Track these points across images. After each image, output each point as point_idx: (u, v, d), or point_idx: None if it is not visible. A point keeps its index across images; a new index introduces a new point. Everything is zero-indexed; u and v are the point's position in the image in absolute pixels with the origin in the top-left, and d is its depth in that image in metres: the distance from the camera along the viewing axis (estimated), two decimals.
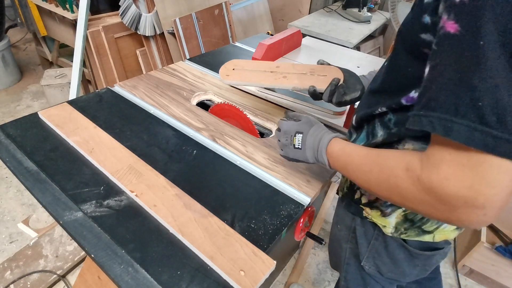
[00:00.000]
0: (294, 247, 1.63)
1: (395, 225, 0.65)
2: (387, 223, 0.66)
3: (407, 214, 0.63)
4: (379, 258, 0.72)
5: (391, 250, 0.69)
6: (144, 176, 0.76)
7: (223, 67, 1.01)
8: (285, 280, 1.53)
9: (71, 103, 0.99)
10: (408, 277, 0.75)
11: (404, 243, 0.67)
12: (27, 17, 2.52)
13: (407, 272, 0.72)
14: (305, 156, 0.69)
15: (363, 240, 0.73)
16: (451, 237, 0.66)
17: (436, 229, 0.64)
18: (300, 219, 0.77)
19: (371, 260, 0.74)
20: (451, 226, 0.64)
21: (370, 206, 0.68)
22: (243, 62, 1.01)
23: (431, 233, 0.64)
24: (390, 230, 0.66)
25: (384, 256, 0.71)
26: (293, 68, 0.95)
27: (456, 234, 0.67)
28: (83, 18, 2.01)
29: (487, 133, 0.37)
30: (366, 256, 0.74)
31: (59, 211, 0.68)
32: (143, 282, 0.57)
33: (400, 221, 0.65)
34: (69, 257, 1.48)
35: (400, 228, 0.65)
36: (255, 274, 0.59)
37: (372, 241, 0.71)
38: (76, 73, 2.13)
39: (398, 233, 0.66)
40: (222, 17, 2.48)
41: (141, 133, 0.92)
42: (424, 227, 0.64)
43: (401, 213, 0.64)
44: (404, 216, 0.64)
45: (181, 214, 0.68)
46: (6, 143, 0.83)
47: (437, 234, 0.65)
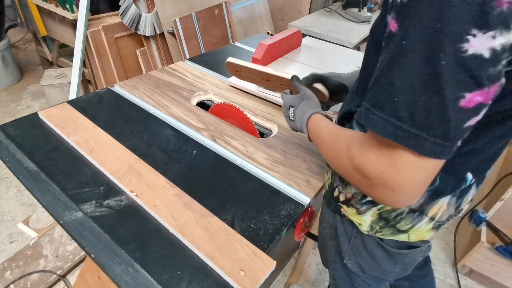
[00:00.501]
0: (294, 247, 1.63)
1: (370, 223, 0.66)
2: (362, 221, 0.67)
3: (381, 212, 0.64)
4: (360, 256, 0.73)
5: (370, 248, 0.70)
6: (144, 176, 0.76)
7: (230, 64, 1.01)
8: (285, 280, 1.53)
9: (71, 103, 0.99)
10: (390, 275, 0.75)
11: (381, 241, 0.67)
12: (27, 17, 2.52)
13: (388, 270, 0.73)
14: (297, 127, 0.76)
15: (344, 238, 0.73)
16: (427, 237, 0.66)
17: (410, 228, 0.64)
18: (300, 219, 0.77)
19: (353, 258, 0.74)
20: (426, 226, 0.64)
21: (346, 204, 0.69)
22: (241, 64, 1.01)
23: (405, 233, 0.64)
24: (366, 228, 0.67)
25: (364, 254, 0.72)
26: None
27: (432, 234, 0.66)
28: (83, 18, 2.01)
29: (399, 127, 0.41)
30: (348, 254, 0.75)
31: (59, 211, 0.68)
32: (143, 282, 0.57)
33: (375, 219, 0.65)
34: (69, 257, 1.48)
35: (375, 227, 0.66)
36: (255, 274, 0.59)
37: (352, 239, 0.72)
38: (76, 73, 2.13)
39: (373, 231, 0.66)
40: (222, 17, 2.48)
41: (141, 133, 0.92)
42: (398, 226, 0.64)
43: (376, 212, 0.64)
44: (378, 214, 0.64)
45: (181, 214, 0.68)
46: (6, 143, 0.83)
47: (412, 234, 0.65)
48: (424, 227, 0.64)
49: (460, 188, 0.59)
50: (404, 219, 0.63)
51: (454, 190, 0.59)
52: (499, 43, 0.36)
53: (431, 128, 0.40)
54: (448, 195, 0.60)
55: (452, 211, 0.63)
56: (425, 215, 0.62)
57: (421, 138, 0.40)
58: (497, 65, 0.37)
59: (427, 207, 0.61)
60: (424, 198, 0.59)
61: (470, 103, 0.39)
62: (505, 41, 0.36)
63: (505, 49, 0.37)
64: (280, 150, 0.92)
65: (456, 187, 0.59)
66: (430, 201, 0.60)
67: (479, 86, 0.38)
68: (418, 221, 0.63)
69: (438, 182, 0.57)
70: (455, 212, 0.64)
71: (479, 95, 0.38)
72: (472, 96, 0.38)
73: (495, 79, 0.38)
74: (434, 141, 0.40)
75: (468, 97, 0.38)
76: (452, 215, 0.65)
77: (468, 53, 0.36)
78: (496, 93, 0.39)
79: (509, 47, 0.37)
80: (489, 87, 0.38)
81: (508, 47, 0.37)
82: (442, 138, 0.40)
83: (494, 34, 0.36)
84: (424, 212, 0.61)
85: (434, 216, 0.62)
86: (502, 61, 0.37)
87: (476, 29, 0.35)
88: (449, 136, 0.40)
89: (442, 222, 0.65)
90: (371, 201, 0.64)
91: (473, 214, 1.52)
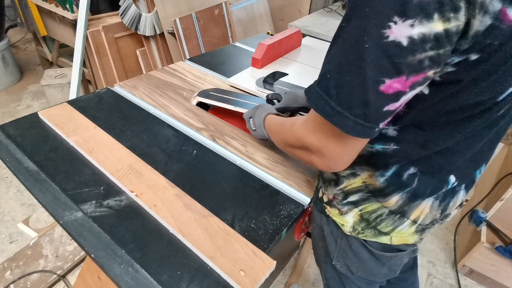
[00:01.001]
0: (294, 247, 1.63)
1: (353, 224, 0.65)
2: (345, 222, 0.66)
3: (363, 214, 0.63)
4: (347, 257, 0.72)
5: (355, 249, 0.69)
6: (144, 176, 0.76)
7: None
8: (285, 280, 1.53)
9: (71, 103, 0.99)
10: (378, 276, 0.74)
11: (365, 243, 0.67)
12: (27, 17, 2.52)
13: (375, 271, 0.72)
14: (259, 134, 0.83)
15: (331, 239, 0.73)
16: (410, 241, 0.65)
17: (392, 230, 0.63)
18: (300, 219, 0.77)
19: (341, 260, 0.74)
20: (408, 229, 0.63)
21: (330, 205, 0.69)
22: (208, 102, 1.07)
23: (387, 235, 0.63)
24: (349, 229, 0.66)
25: (351, 255, 0.71)
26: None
27: (416, 238, 0.65)
28: (83, 18, 2.01)
29: (328, 103, 0.44)
30: (336, 255, 0.74)
31: (59, 211, 0.68)
32: (143, 282, 0.57)
33: (357, 220, 0.65)
34: (69, 257, 1.48)
35: (357, 228, 0.65)
36: (255, 274, 0.59)
37: (339, 240, 0.71)
38: (76, 73, 2.13)
39: (355, 232, 0.66)
40: (222, 17, 2.48)
41: (141, 133, 0.92)
42: (379, 228, 0.63)
43: (357, 213, 0.64)
44: (360, 215, 0.64)
45: (181, 214, 0.68)
46: (6, 143, 0.83)
47: (394, 236, 0.63)
48: (406, 230, 0.63)
49: (442, 191, 0.59)
50: (385, 220, 0.62)
51: (434, 192, 0.58)
52: (418, 32, 0.36)
53: (353, 108, 0.42)
54: (430, 198, 0.59)
55: (436, 215, 0.62)
56: (407, 217, 0.61)
57: (344, 117, 0.43)
58: (416, 55, 0.38)
59: (407, 209, 0.60)
60: (402, 199, 0.58)
61: (390, 89, 0.40)
62: (426, 31, 0.36)
63: (426, 39, 0.37)
64: (280, 150, 0.92)
65: (437, 189, 0.58)
66: (410, 203, 0.59)
67: (398, 73, 0.39)
68: (400, 224, 0.62)
69: (416, 184, 0.57)
70: (440, 216, 0.63)
71: (397, 82, 0.39)
72: (392, 82, 0.39)
73: (417, 69, 0.39)
74: (356, 121, 0.43)
75: (388, 83, 0.40)
76: (438, 219, 0.64)
77: (389, 40, 0.37)
78: (417, 83, 0.40)
79: (434, 37, 0.37)
80: (408, 76, 0.39)
81: (432, 37, 0.37)
82: (363, 119, 0.42)
83: (412, 23, 0.36)
84: (405, 214, 0.60)
85: (416, 219, 0.61)
86: (425, 52, 0.37)
87: (397, 16, 0.36)
88: (369, 117, 0.42)
89: (425, 226, 0.63)
90: (353, 202, 0.64)
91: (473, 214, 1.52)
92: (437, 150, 0.53)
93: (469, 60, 0.40)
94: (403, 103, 0.43)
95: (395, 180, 0.57)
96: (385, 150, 0.55)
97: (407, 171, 0.56)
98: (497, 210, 1.44)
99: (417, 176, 0.56)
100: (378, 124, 0.44)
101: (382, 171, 0.58)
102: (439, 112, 0.48)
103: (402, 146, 0.54)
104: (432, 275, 1.60)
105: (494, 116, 0.50)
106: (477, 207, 1.56)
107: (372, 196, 0.61)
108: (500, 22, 0.36)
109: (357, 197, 0.63)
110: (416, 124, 0.51)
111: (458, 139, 0.52)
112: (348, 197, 0.64)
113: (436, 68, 0.39)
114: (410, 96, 0.42)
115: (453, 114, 0.48)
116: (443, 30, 0.36)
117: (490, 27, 0.37)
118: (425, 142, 0.52)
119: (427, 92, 0.46)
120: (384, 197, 0.59)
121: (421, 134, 0.51)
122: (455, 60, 0.40)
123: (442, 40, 0.37)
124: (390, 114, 0.43)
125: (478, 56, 0.39)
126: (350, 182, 0.63)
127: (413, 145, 0.53)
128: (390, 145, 0.54)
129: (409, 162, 0.55)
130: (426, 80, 0.41)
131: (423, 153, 0.53)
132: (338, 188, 0.65)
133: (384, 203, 0.60)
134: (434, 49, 0.37)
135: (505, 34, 0.37)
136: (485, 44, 0.38)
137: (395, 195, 0.58)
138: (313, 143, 0.52)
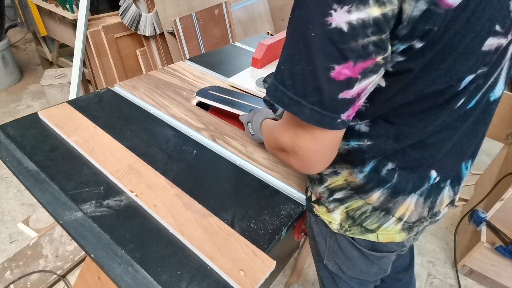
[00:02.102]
0: (294, 247, 1.63)
1: (340, 221, 0.66)
2: (332, 219, 0.66)
3: (348, 211, 0.64)
4: (337, 256, 0.73)
5: (344, 248, 0.70)
6: (144, 176, 0.76)
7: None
8: (285, 280, 1.53)
9: (71, 103, 0.99)
10: (368, 275, 0.75)
11: (353, 241, 0.67)
12: (27, 17, 2.52)
13: (365, 270, 0.73)
14: (258, 138, 0.85)
15: (320, 238, 0.73)
16: (397, 240, 0.64)
17: (378, 228, 0.63)
18: (300, 219, 0.77)
19: (332, 259, 0.74)
20: (394, 227, 0.63)
21: (317, 203, 0.69)
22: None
23: (373, 232, 0.64)
24: (336, 226, 0.66)
25: (340, 254, 0.71)
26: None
27: (404, 237, 0.65)
28: (83, 18, 2.01)
29: (285, 94, 0.44)
30: (326, 254, 0.74)
31: (59, 211, 0.68)
32: (143, 282, 0.57)
33: (343, 217, 0.65)
34: (69, 257, 1.48)
35: (344, 225, 0.65)
36: (255, 274, 0.59)
37: (328, 239, 0.71)
38: (76, 73, 2.13)
39: (343, 230, 0.66)
40: (222, 17, 2.48)
41: (141, 133, 0.92)
42: (365, 225, 0.63)
43: (344, 210, 0.64)
44: (346, 213, 0.64)
45: (181, 214, 0.68)
46: (6, 143, 0.83)
47: (381, 234, 0.63)
48: (392, 227, 0.63)
49: (424, 187, 0.59)
50: (370, 217, 0.62)
51: (417, 188, 0.59)
52: (357, 18, 0.37)
53: (308, 96, 0.43)
54: (414, 194, 0.59)
55: (423, 212, 0.62)
56: (392, 215, 0.61)
57: (301, 105, 0.43)
58: (359, 40, 0.39)
59: (391, 206, 0.60)
60: (384, 195, 0.59)
61: (340, 75, 0.41)
62: (365, 16, 0.37)
63: (366, 24, 0.38)
64: None
65: (419, 185, 0.58)
66: (392, 199, 0.59)
67: (345, 59, 0.40)
68: (385, 221, 0.62)
69: (396, 179, 0.57)
70: (428, 214, 0.63)
71: (346, 68, 0.40)
72: (340, 68, 0.40)
73: (362, 54, 0.39)
74: (312, 108, 0.43)
75: (337, 69, 0.40)
76: (426, 218, 0.64)
77: (332, 26, 0.39)
78: (368, 70, 0.41)
79: (373, 23, 0.38)
80: (356, 61, 0.40)
81: (372, 23, 0.38)
82: (319, 106, 0.43)
83: (349, 9, 0.37)
84: (390, 211, 0.61)
85: (402, 217, 0.61)
86: (368, 37, 0.39)
87: (335, 3, 0.38)
88: (326, 105, 0.43)
89: (412, 224, 0.63)
90: (338, 199, 0.64)
91: (473, 214, 1.52)
92: (410, 143, 0.54)
93: (415, 48, 0.41)
94: (360, 92, 0.43)
95: (374, 176, 0.58)
96: (360, 146, 0.56)
97: (385, 166, 0.57)
98: (497, 210, 1.44)
99: (396, 171, 0.57)
100: (339, 114, 0.44)
101: (360, 167, 0.58)
102: (400, 103, 0.49)
103: (376, 141, 0.55)
104: (432, 275, 1.60)
105: (463, 106, 0.51)
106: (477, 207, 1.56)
107: (355, 193, 0.62)
108: (436, 6, 0.38)
109: (342, 195, 0.63)
110: (385, 118, 0.52)
111: (429, 132, 0.53)
112: (334, 194, 0.64)
113: (383, 54, 0.40)
114: (365, 84, 0.43)
115: (414, 105, 0.49)
116: (381, 15, 0.37)
117: (426, 12, 0.38)
118: (397, 135, 0.53)
119: (384, 85, 0.47)
120: (365, 194, 0.60)
121: (391, 128, 0.53)
122: (400, 48, 0.41)
123: (381, 25, 0.38)
124: (348, 104, 0.43)
125: (423, 44, 0.41)
126: (333, 180, 0.64)
127: (385, 139, 0.54)
128: (364, 141, 0.56)
129: (385, 157, 0.56)
130: (378, 67, 0.42)
131: (397, 147, 0.54)
132: (323, 186, 0.66)
133: (366, 199, 0.61)
134: (376, 34, 0.39)
135: (444, 19, 0.39)
136: (425, 30, 0.39)
137: (376, 191, 0.59)
138: (286, 142, 0.51)
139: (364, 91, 0.44)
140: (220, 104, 1.05)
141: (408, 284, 1.04)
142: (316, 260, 0.83)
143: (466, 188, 2.07)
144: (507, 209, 1.46)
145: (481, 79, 0.49)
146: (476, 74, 0.47)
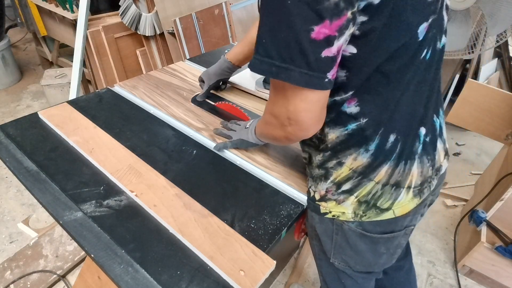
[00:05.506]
0: (294, 247, 1.63)
1: (353, 210, 0.66)
2: (345, 209, 0.67)
3: (359, 198, 0.65)
4: (344, 252, 0.73)
5: (352, 242, 0.70)
6: (144, 176, 0.76)
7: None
8: (285, 280, 1.53)
9: (71, 103, 0.99)
10: (377, 266, 0.76)
11: (363, 231, 0.68)
12: (27, 17, 2.52)
13: (373, 262, 0.74)
14: (260, 141, 0.84)
15: (325, 237, 0.74)
16: (411, 207, 0.66)
17: (392, 204, 0.64)
18: (300, 219, 0.77)
19: (338, 256, 0.75)
20: (407, 197, 0.65)
21: (324, 200, 0.69)
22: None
23: (389, 210, 0.65)
24: (351, 215, 0.66)
25: (348, 250, 0.72)
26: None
27: (417, 202, 0.67)
28: (83, 18, 2.01)
29: (272, 64, 0.48)
30: (333, 253, 0.75)
31: (59, 211, 0.68)
32: (143, 282, 0.57)
33: (356, 206, 0.65)
34: (69, 257, 1.48)
35: (358, 212, 0.66)
36: (255, 274, 0.59)
37: (334, 237, 0.72)
38: (76, 73, 2.13)
39: (358, 216, 0.66)
40: (222, 17, 2.48)
41: (141, 133, 0.92)
42: (379, 205, 0.64)
43: (354, 200, 0.65)
44: (357, 201, 0.65)
45: (181, 214, 0.68)
46: (6, 143, 0.83)
47: (396, 209, 0.65)
48: (405, 198, 0.65)
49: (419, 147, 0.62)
50: (382, 196, 0.63)
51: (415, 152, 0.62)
52: None
53: (295, 60, 0.46)
54: (414, 160, 0.62)
55: (427, 172, 0.65)
56: (402, 187, 0.63)
57: (290, 70, 0.47)
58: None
59: (400, 180, 0.62)
60: (391, 167, 0.61)
61: (320, 35, 0.45)
62: None
63: None
64: (280, 150, 0.92)
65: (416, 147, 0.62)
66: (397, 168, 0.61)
67: (321, 18, 0.43)
68: (397, 195, 0.64)
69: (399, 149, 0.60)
70: (433, 171, 0.66)
71: (324, 27, 0.44)
72: (319, 28, 0.44)
73: (336, 11, 0.43)
74: (300, 71, 0.47)
75: (316, 29, 0.44)
76: (432, 176, 0.67)
77: None
78: (343, 27, 0.45)
79: None
80: (331, 19, 0.44)
81: None
82: (306, 68, 0.46)
83: None
84: (400, 184, 0.63)
85: (410, 184, 0.64)
86: None
87: None
88: (312, 65, 0.46)
89: (421, 187, 0.66)
90: (347, 191, 0.65)
91: (473, 214, 1.52)
92: (399, 105, 0.57)
93: (373, 4, 0.46)
94: (339, 49, 0.47)
95: (380, 151, 0.60)
96: (358, 126, 0.59)
97: (388, 139, 0.59)
98: (497, 210, 1.44)
99: (399, 141, 0.59)
100: (325, 73, 0.47)
101: (365, 146, 0.60)
102: (375, 66, 0.52)
103: (370, 115, 0.57)
104: (432, 275, 1.60)
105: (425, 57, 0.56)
106: (477, 207, 1.56)
107: (363, 177, 0.62)
108: None
109: (350, 185, 0.64)
110: (367, 90, 0.56)
111: (411, 89, 0.57)
112: (341, 186, 0.65)
113: (351, 8, 0.44)
114: (342, 41, 0.47)
115: (387, 66, 0.53)
116: None
117: None
118: (384, 102, 0.56)
119: (355, 51, 0.51)
120: (374, 171, 0.62)
121: (377, 98, 0.56)
122: (361, 5, 0.46)
123: None
124: (331, 62, 0.47)
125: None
126: (338, 172, 0.64)
127: (377, 110, 0.57)
128: (360, 119, 0.58)
129: (386, 128, 0.58)
130: (350, 24, 0.46)
131: (391, 114, 0.57)
132: (329, 181, 0.66)
133: (375, 178, 0.62)
134: None
135: None
136: None
137: (384, 166, 0.61)
138: (280, 111, 0.54)
139: (341, 48, 0.48)
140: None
141: (409, 271, 1.04)
142: (318, 259, 0.83)
143: (466, 188, 2.07)
144: (507, 209, 1.46)
145: (434, 27, 0.54)
146: (428, 23, 0.52)
